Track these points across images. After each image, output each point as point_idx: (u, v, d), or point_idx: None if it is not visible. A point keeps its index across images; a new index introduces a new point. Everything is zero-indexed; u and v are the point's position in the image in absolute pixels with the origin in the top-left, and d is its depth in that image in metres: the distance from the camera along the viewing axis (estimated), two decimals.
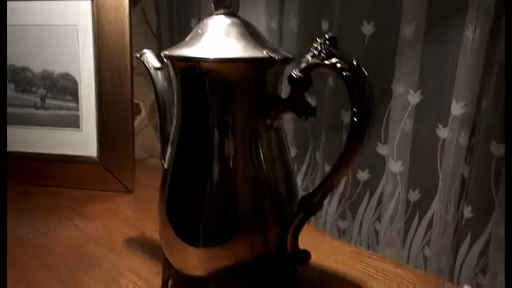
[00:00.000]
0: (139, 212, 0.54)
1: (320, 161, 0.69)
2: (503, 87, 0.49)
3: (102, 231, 0.50)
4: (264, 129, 0.31)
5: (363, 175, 0.67)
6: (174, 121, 0.33)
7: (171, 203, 0.33)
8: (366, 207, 0.68)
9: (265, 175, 0.31)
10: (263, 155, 0.31)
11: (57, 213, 0.54)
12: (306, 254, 0.32)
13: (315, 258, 0.43)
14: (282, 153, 0.33)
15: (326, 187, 0.29)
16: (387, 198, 0.63)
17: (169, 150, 0.34)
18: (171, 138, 0.34)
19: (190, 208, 0.32)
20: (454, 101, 0.53)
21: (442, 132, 0.58)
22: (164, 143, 0.36)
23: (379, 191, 0.66)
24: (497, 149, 0.52)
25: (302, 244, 0.33)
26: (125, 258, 0.44)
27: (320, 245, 0.44)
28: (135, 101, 0.76)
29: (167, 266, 0.37)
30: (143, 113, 0.79)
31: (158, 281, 0.38)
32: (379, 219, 0.66)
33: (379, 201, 0.66)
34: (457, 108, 0.54)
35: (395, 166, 0.61)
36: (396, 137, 0.61)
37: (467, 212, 0.56)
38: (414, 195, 0.62)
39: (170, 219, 0.33)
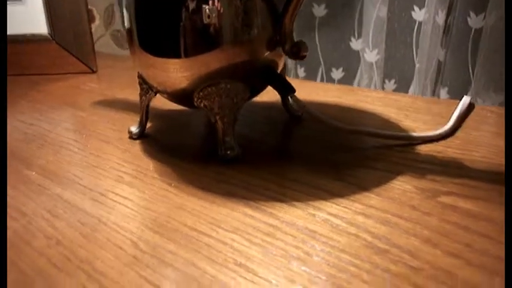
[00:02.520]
0: (105, 84, 0.48)
1: None
2: None
3: (67, 98, 0.43)
4: None
5: (337, 73, 0.65)
6: None
7: (142, 19, 0.29)
8: None
9: None
10: None
11: (14, 92, 0.46)
12: (303, 44, 0.28)
13: (305, 95, 0.40)
14: None
15: None
16: None
17: None
18: None
19: (167, 17, 0.28)
20: None
21: (418, 14, 0.57)
22: None
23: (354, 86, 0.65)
24: (474, 21, 0.52)
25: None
26: (95, 114, 0.38)
27: (307, 87, 0.42)
28: None
29: (145, 92, 0.33)
30: (97, 20, 0.71)
31: (135, 124, 0.34)
32: None
33: None
34: None
35: (370, 56, 0.60)
36: (371, 26, 0.59)
37: (444, 93, 0.56)
38: (390, 85, 0.61)
39: (142, 36, 0.29)
